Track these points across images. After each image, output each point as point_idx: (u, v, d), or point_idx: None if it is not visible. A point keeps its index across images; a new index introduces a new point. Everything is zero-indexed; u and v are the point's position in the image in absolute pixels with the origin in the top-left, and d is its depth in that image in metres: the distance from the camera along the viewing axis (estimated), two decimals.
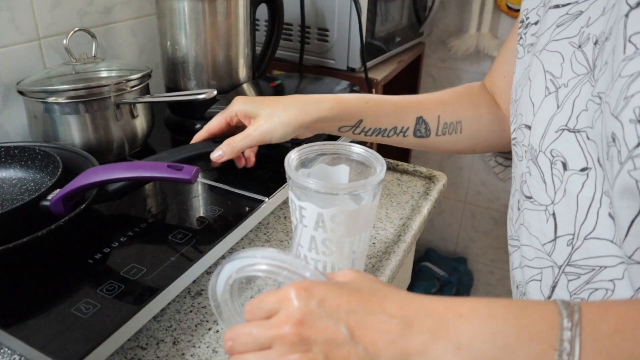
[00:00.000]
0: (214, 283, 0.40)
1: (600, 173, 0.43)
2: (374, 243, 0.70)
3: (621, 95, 0.39)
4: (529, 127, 0.51)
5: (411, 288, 1.67)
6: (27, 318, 0.48)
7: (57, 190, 0.56)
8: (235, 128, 0.67)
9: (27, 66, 0.80)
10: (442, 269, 1.76)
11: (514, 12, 1.44)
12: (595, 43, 0.45)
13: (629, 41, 0.39)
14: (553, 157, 0.48)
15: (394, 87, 1.43)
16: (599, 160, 0.43)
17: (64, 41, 0.76)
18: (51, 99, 0.70)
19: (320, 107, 0.63)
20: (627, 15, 0.40)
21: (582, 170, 0.45)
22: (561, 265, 0.46)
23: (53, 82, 0.72)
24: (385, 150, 1.53)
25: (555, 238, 0.47)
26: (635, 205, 0.38)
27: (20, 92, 0.72)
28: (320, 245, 0.53)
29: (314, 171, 0.58)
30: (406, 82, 1.44)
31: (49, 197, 0.56)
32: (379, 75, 1.07)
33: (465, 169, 1.73)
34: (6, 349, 0.50)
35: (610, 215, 0.42)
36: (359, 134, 0.66)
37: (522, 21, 0.57)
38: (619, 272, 0.42)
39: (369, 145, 1.10)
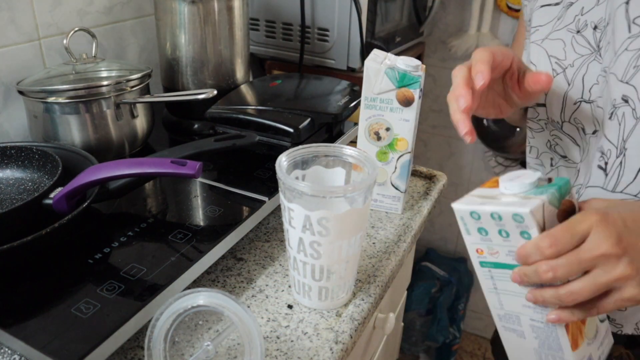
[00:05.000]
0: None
1: (601, 134, 0.56)
2: (374, 243, 0.70)
3: (630, 64, 0.51)
4: (542, 105, 0.62)
5: (411, 288, 1.67)
6: (27, 318, 0.48)
7: (60, 189, 0.56)
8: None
9: (27, 66, 0.80)
10: (442, 269, 1.76)
11: (514, 12, 1.43)
12: (595, 28, 0.56)
13: (634, 22, 0.51)
14: (576, 124, 0.60)
15: None
16: (602, 124, 0.56)
17: (64, 41, 0.76)
18: (51, 99, 0.70)
19: None
20: (627, 3, 0.52)
21: (594, 133, 0.58)
22: None
23: (53, 82, 0.72)
24: None
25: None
26: None
27: (21, 92, 0.71)
28: (308, 247, 0.53)
29: (309, 173, 0.58)
30: None
31: (52, 195, 0.56)
32: None
33: (465, 168, 1.73)
34: (6, 349, 0.50)
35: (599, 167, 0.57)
36: None
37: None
38: None
39: None
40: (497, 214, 0.44)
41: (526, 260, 0.44)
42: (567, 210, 0.45)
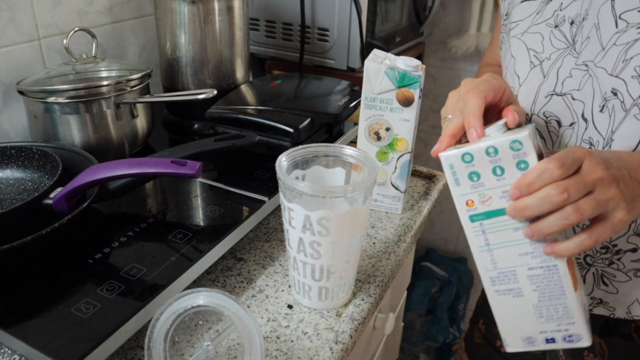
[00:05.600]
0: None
1: (583, 125, 0.58)
2: (374, 243, 0.70)
3: (619, 59, 0.53)
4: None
5: (411, 288, 1.67)
6: (27, 318, 0.48)
7: (60, 189, 0.56)
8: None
9: (27, 66, 0.80)
10: (442, 269, 1.76)
11: None
12: (572, 23, 0.58)
13: (620, 18, 0.53)
14: (547, 117, 0.61)
15: None
16: (582, 116, 0.58)
17: (64, 41, 0.76)
18: (51, 99, 0.70)
19: None
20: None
21: (570, 125, 0.59)
22: None
23: (53, 82, 0.72)
24: None
25: None
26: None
27: (21, 92, 0.71)
28: (308, 247, 0.53)
29: (309, 173, 0.58)
30: None
31: (52, 195, 0.56)
32: None
33: None
34: (6, 349, 0.50)
35: None
36: None
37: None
38: None
39: None
40: (493, 147, 0.45)
41: (529, 188, 0.44)
42: (538, 154, 0.46)
